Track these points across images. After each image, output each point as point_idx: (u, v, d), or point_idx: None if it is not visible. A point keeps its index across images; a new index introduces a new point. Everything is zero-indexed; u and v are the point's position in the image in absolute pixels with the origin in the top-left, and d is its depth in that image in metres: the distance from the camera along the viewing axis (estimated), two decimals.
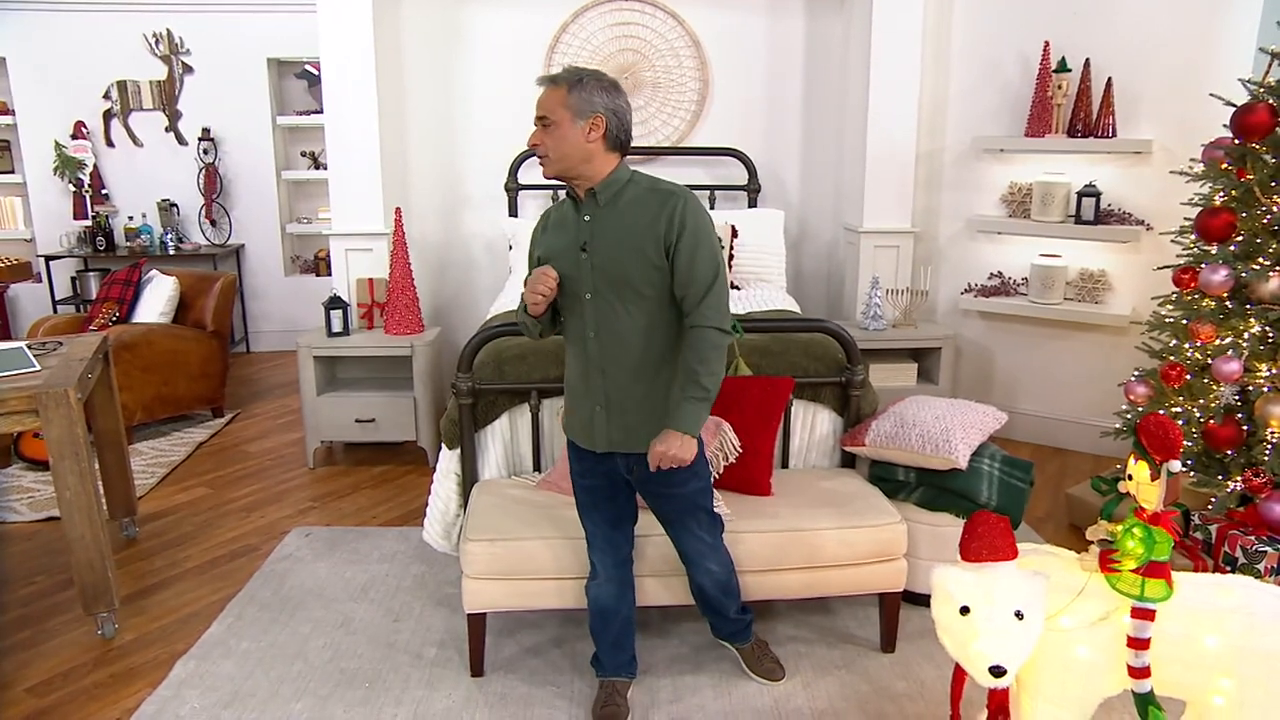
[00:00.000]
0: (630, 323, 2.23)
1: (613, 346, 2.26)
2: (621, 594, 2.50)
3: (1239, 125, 3.29)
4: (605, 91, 2.19)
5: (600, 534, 2.45)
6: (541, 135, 2.19)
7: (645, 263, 2.19)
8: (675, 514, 2.43)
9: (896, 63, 4.65)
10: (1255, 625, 1.97)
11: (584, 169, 2.20)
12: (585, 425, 2.35)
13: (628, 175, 2.25)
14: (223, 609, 3.15)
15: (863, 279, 4.84)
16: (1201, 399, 3.36)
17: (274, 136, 6.59)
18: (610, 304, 2.23)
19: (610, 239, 2.21)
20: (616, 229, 2.21)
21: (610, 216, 2.22)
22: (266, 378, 6.18)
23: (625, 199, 2.23)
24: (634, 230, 2.19)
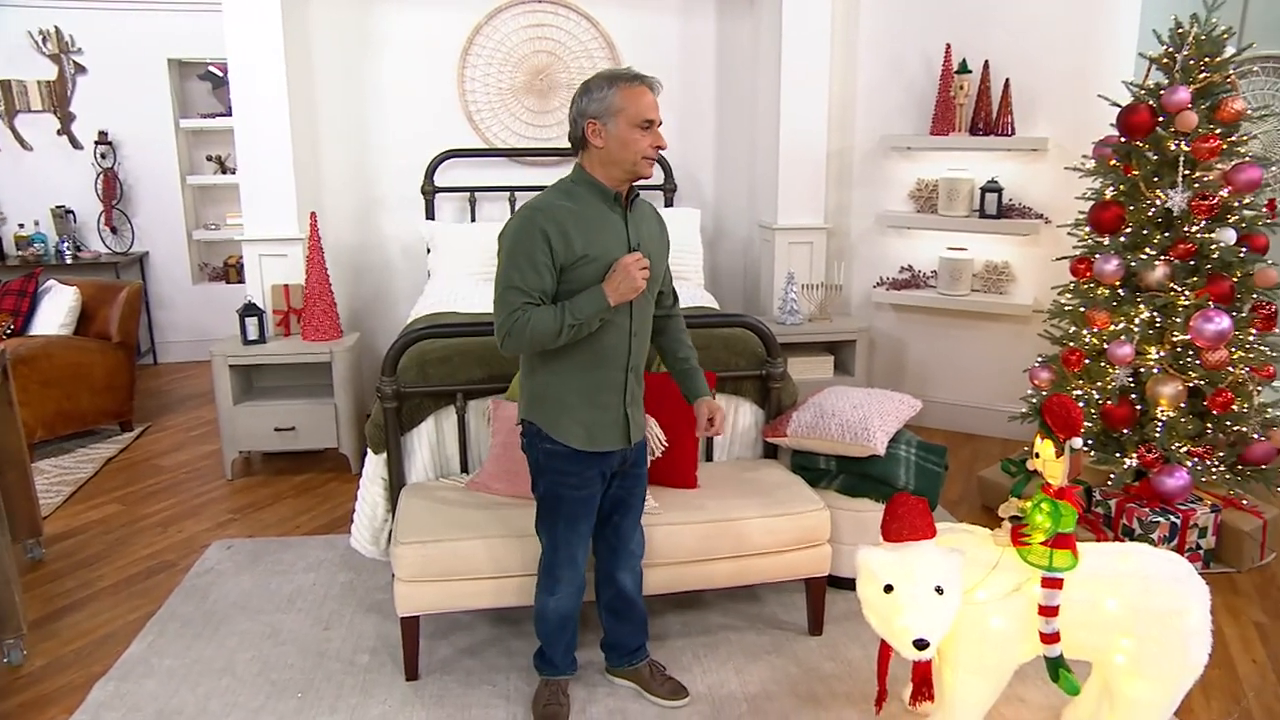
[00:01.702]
0: (651, 320, 2.39)
1: (645, 344, 2.36)
2: (580, 598, 2.51)
3: (1124, 124, 3.50)
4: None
5: (582, 544, 2.42)
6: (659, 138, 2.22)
7: (663, 263, 2.39)
8: (639, 498, 2.50)
9: (806, 63, 4.77)
10: (1150, 587, 2.11)
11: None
12: (614, 426, 2.32)
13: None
14: (142, 627, 3.05)
15: (778, 275, 4.96)
16: (1098, 381, 3.55)
17: (177, 140, 6.37)
18: (649, 304, 2.35)
19: (651, 240, 2.31)
20: (653, 231, 2.34)
21: (643, 219, 2.32)
22: (176, 389, 5.98)
23: (642, 204, 2.34)
24: (657, 233, 2.36)
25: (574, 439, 2.28)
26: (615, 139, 2.16)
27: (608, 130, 2.16)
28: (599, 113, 2.15)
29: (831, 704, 2.60)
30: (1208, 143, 3.29)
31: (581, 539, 2.41)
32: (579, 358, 2.26)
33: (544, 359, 2.28)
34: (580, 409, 2.28)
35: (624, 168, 2.19)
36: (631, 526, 2.52)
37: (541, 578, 2.45)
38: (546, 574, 2.44)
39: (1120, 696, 2.17)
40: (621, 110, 2.14)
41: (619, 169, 2.20)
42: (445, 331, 3.09)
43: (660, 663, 2.70)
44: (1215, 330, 3.25)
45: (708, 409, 2.47)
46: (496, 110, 5.05)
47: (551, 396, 2.29)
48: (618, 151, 2.17)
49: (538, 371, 2.31)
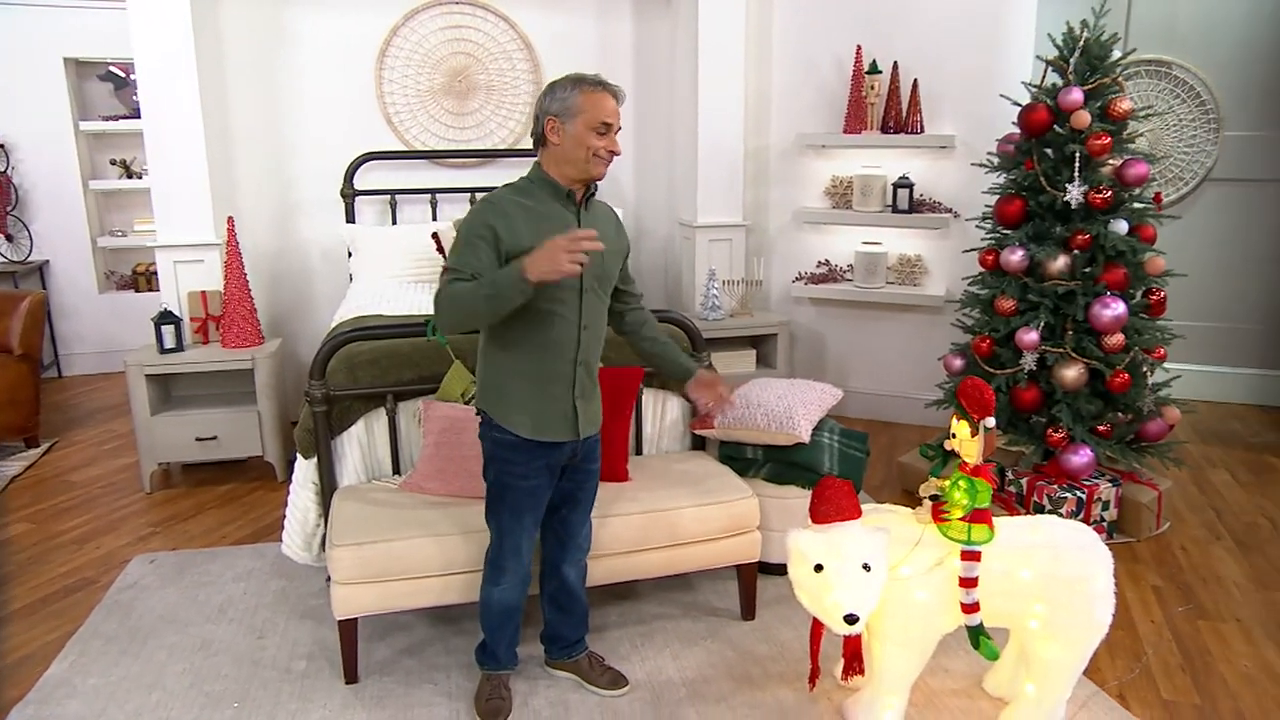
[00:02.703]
0: (604, 317, 2.46)
1: (595, 339, 2.40)
2: (525, 590, 2.54)
3: (1024, 123, 3.69)
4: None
5: (526, 535, 2.45)
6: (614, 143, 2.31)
7: (620, 263, 2.47)
8: (589, 494, 2.54)
9: (721, 65, 4.88)
10: (1059, 556, 2.26)
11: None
12: (562, 418, 2.37)
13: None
14: (62, 647, 2.95)
15: (699, 271, 5.05)
16: (1008, 366, 3.73)
17: (77, 143, 6.13)
18: (599, 300, 2.39)
19: (604, 239, 2.29)
20: (606, 230, 2.36)
21: (597, 219, 2.39)
22: (85, 402, 5.76)
23: (598, 204, 2.44)
24: (612, 232, 2.41)
25: (521, 428, 2.33)
26: (571, 138, 2.23)
27: (565, 129, 2.23)
28: (559, 111, 2.24)
29: (767, 684, 2.69)
30: (1100, 140, 3.49)
31: (526, 531, 2.44)
32: (528, 348, 2.31)
33: (497, 348, 2.34)
34: (528, 399, 2.33)
35: (577, 166, 2.26)
36: (580, 521, 2.56)
37: (487, 568, 2.49)
38: (491, 564, 2.48)
39: (1035, 659, 2.31)
40: (581, 112, 2.23)
41: (572, 167, 2.27)
42: (374, 334, 3.08)
43: (599, 654, 2.74)
44: (1112, 315, 3.46)
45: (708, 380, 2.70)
46: (415, 112, 5.02)
47: (502, 385, 2.35)
48: (572, 150, 2.24)
49: (491, 360, 2.37)
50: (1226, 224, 5.18)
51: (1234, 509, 3.93)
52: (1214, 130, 5.07)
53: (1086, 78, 3.60)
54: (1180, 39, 5.04)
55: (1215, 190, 5.16)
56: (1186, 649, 2.89)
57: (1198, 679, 2.73)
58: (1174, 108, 5.12)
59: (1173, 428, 3.73)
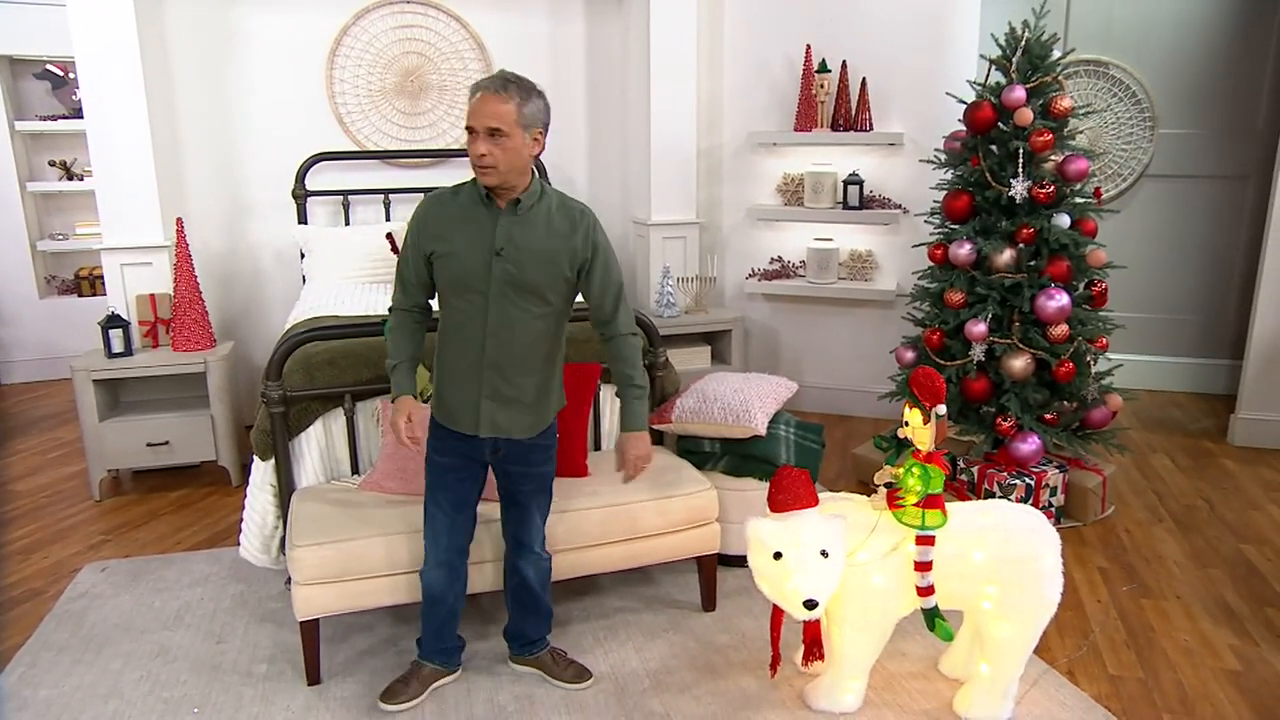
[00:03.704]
0: (531, 325, 2.34)
1: (510, 345, 2.34)
2: (450, 582, 2.54)
3: (970, 120, 3.78)
4: (545, 105, 2.26)
5: (442, 516, 2.48)
6: (492, 146, 2.17)
7: (557, 274, 2.32)
8: (527, 495, 2.50)
9: (674, 64, 4.92)
10: (1009, 538, 2.33)
11: (518, 180, 2.27)
12: (468, 411, 2.38)
13: (542, 187, 2.36)
14: (11, 659, 2.89)
15: (654, 269, 5.09)
16: (958, 358, 3.83)
17: (13, 144, 5.95)
18: (513, 306, 2.31)
19: (527, 248, 2.28)
20: (534, 239, 2.29)
21: (527, 226, 2.30)
22: (26, 411, 5.62)
23: (542, 211, 2.33)
24: (550, 243, 2.31)
25: (436, 408, 2.46)
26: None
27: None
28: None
29: (729, 673, 2.73)
30: (1042, 137, 3.60)
31: (444, 513, 2.48)
32: (443, 338, 2.42)
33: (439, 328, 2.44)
34: (441, 384, 2.44)
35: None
36: (526, 521, 2.54)
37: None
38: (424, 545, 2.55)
39: (989, 639, 2.38)
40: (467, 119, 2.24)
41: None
42: (330, 334, 3.06)
43: (562, 648, 2.76)
44: (1056, 307, 3.57)
45: (623, 446, 2.52)
46: (367, 112, 4.98)
47: (433, 362, 2.49)
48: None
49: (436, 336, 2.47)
50: (1163, 218, 5.36)
51: (1174, 492, 4.08)
52: (1150, 128, 5.24)
53: (1028, 76, 3.70)
54: (1117, 40, 5.21)
55: (1152, 186, 5.33)
56: (1131, 626, 2.99)
57: (1141, 654, 2.83)
58: (1112, 106, 5.28)
59: (1116, 415, 3.85)
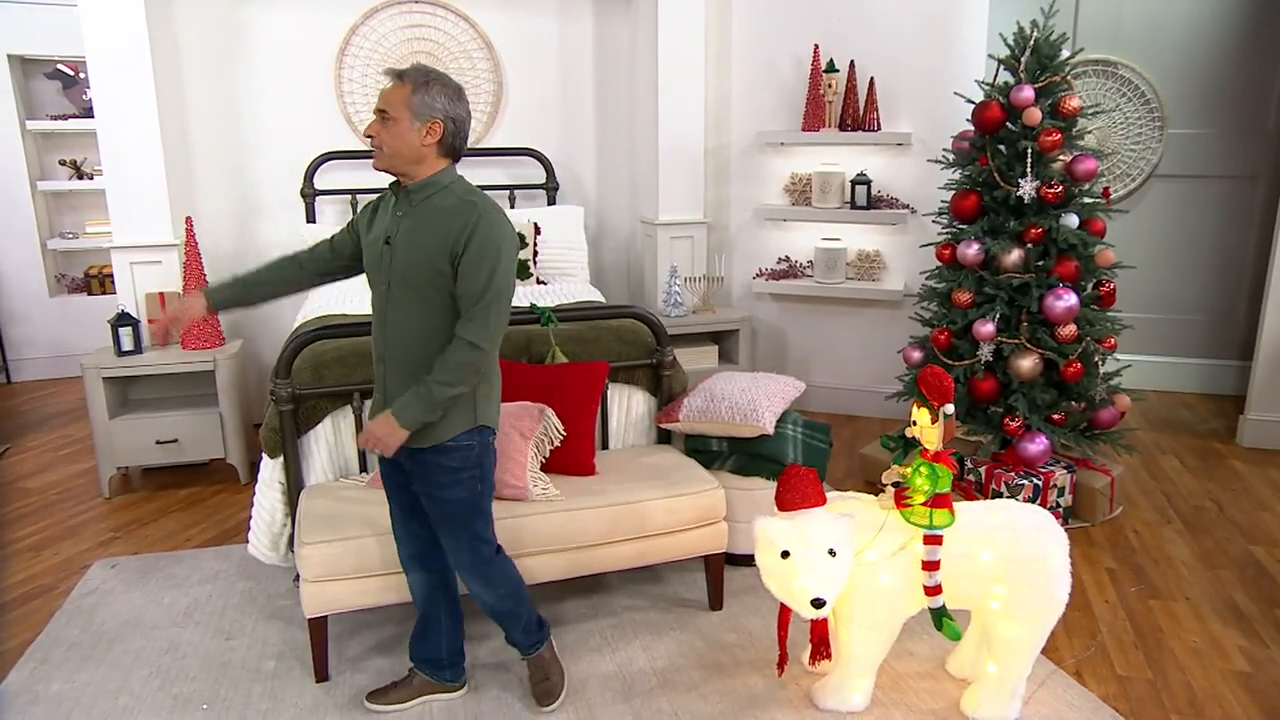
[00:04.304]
0: (414, 320, 2.26)
1: (396, 339, 2.30)
2: (422, 588, 2.54)
3: (978, 120, 3.77)
4: (449, 98, 2.20)
5: (398, 520, 2.51)
6: (379, 128, 2.20)
7: (432, 267, 2.21)
8: (435, 519, 2.39)
9: (682, 63, 4.92)
10: (1017, 537, 2.33)
11: (412, 168, 2.23)
12: (374, 408, 2.41)
13: (448, 181, 2.26)
14: (21, 655, 2.90)
15: (661, 269, 5.09)
16: (966, 358, 3.82)
17: (24, 143, 5.99)
18: (401, 299, 2.26)
19: (411, 239, 2.24)
20: (419, 230, 2.23)
21: (417, 217, 2.25)
22: (36, 409, 5.65)
23: (435, 204, 2.25)
24: (433, 235, 2.21)
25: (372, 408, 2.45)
26: None
27: None
28: None
29: (736, 672, 2.73)
30: (1050, 136, 3.59)
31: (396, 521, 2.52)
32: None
33: None
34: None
35: None
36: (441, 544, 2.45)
37: None
38: None
39: (997, 638, 2.38)
40: None
41: None
42: (339, 331, 3.07)
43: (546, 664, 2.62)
44: (1065, 307, 3.56)
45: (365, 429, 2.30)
46: None
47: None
48: None
49: None
50: (1172, 218, 5.34)
51: (1183, 493, 4.06)
52: (1159, 128, 5.23)
53: (1037, 76, 3.69)
54: (1126, 40, 5.19)
55: (1161, 186, 5.31)
56: (1139, 627, 2.99)
57: (1150, 655, 2.83)
58: (1121, 106, 5.26)
59: (1124, 415, 3.84)
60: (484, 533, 2.42)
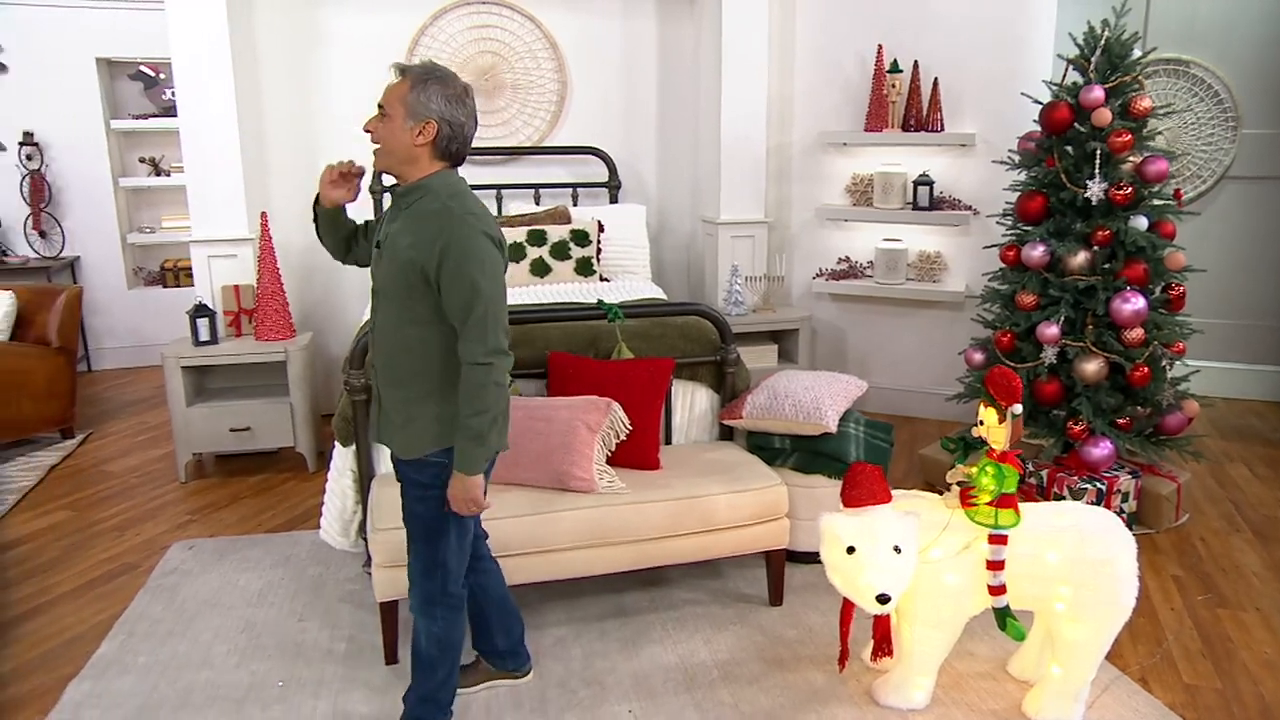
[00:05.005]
0: (396, 328, 2.18)
1: (381, 346, 2.24)
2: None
3: (1046, 120, 3.74)
4: (448, 99, 2.10)
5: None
6: (376, 124, 2.14)
7: (407, 276, 2.10)
8: (408, 531, 2.32)
9: (745, 63, 4.94)
10: (1084, 539, 2.32)
11: (405, 169, 2.15)
12: (374, 419, 2.39)
13: (437, 184, 2.15)
14: (110, 628, 3.05)
15: (722, 267, 5.12)
16: (1029, 360, 3.79)
17: (108, 141, 6.24)
18: (384, 306, 2.21)
19: (394, 245, 2.14)
20: (400, 235, 2.13)
21: (403, 222, 2.15)
22: (115, 396, 5.87)
23: (417, 209, 2.14)
24: (410, 242, 2.10)
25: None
26: None
27: None
28: None
29: (797, 666, 2.76)
30: (1121, 137, 3.55)
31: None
32: None
33: None
34: None
35: None
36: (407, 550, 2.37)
37: None
38: None
39: (1061, 640, 2.38)
40: None
41: None
42: None
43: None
44: (1132, 310, 3.51)
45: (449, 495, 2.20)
46: None
47: None
48: None
49: None
50: (1245, 221, 5.22)
51: (1252, 502, 3.98)
52: (1232, 128, 5.11)
53: (1107, 76, 3.65)
54: (1199, 38, 5.09)
55: (1234, 187, 5.20)
56: (1207, 636, 2.94)
57: (1219, 665, 2.79)
58: (1192, 106, 5.16)
59: (1191, 421, 3.78)
60: (443, 559, 2.27)
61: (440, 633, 2.33)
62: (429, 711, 2.40)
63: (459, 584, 2.33)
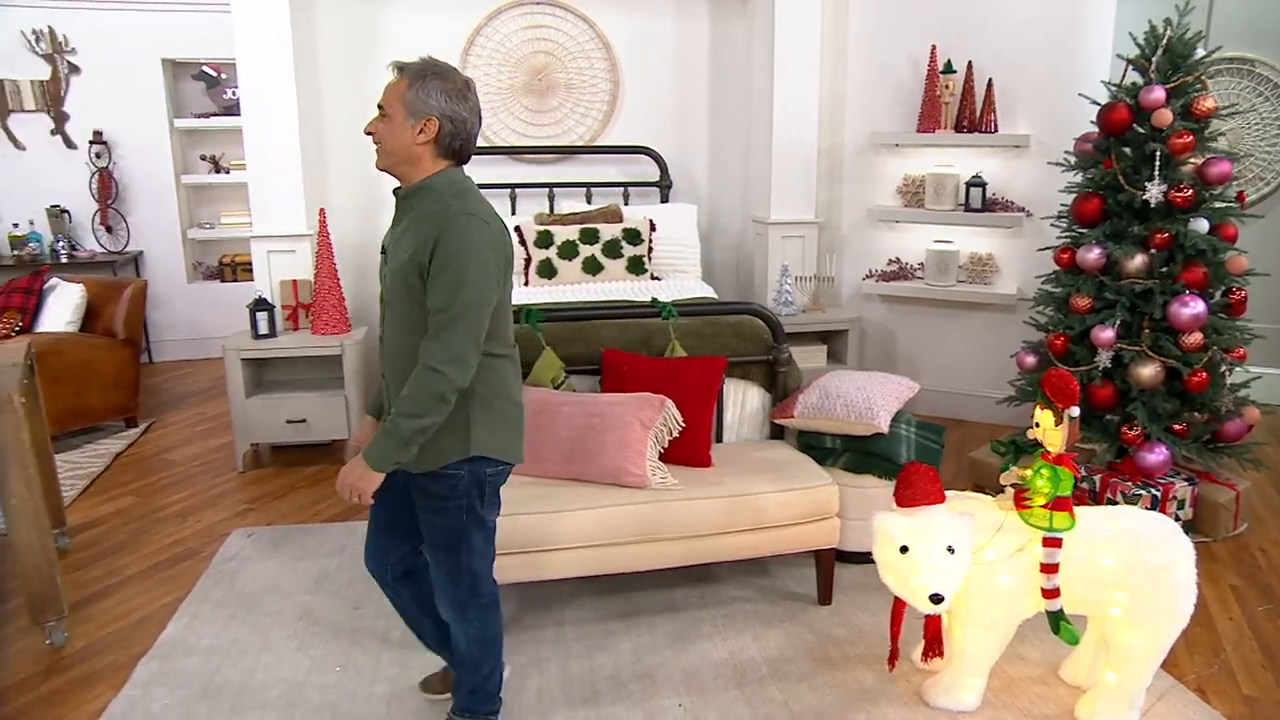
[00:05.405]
0: (403, 336, 2.10)
1: (390, 354, 2.16)
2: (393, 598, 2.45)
3: (1104, 121, 3.70)
4: (448, 94, 2.03)
5: (372, 529, 2.38)
6: (377, 125, 2.07)
7: (406, 282, 2.04)
8: (427, 541, 2.28)
9: (797, 63, 4.94)
10: (1141, 544, 2.30)
11: (406, 169, 2.08)
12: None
13: (440, 184, 2.07)
14: (176, 610, 3.16)
15: (772, 268, 5.13)
16: (1083, 364, 3.75)
17: (172, 140, 6.43)
18: (392, 314, 2.13)
19: (396, 249, 2.08)
20: (402, 239, 2.07)
21: (406, 225, 2.08)
22: (175, 387, 6.04)
23: (418, 210, 2.07)
24: (408, 244, 2.04)
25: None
26: None
27: None
28: None
29: (846, 665, 2.77)
30: (1182, 139, 3.49)
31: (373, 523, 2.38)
32: None
33: None
34: None
35: None
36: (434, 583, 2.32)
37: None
38: None
39: (1116, 646, 2.36)
40: None
41: None
42: None
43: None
44: (1191, 314, 3.46)
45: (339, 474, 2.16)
46: (496, 109, 5.18)
47: None
48: None
49: None
50: None
51: None
52: None
53: (1169, 76, 3.60)
54: (1265, 36, 4.98)
55: None
56: (1267, 647, 2.89)
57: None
58: (1257, 106, 5.05)
59: (1252, 428, 3.71)
60: (467, 564, 2.23)
61: (477, 633, 2.32)
62: (478, 702, 2.42)
63: (489, 582, 2.31)
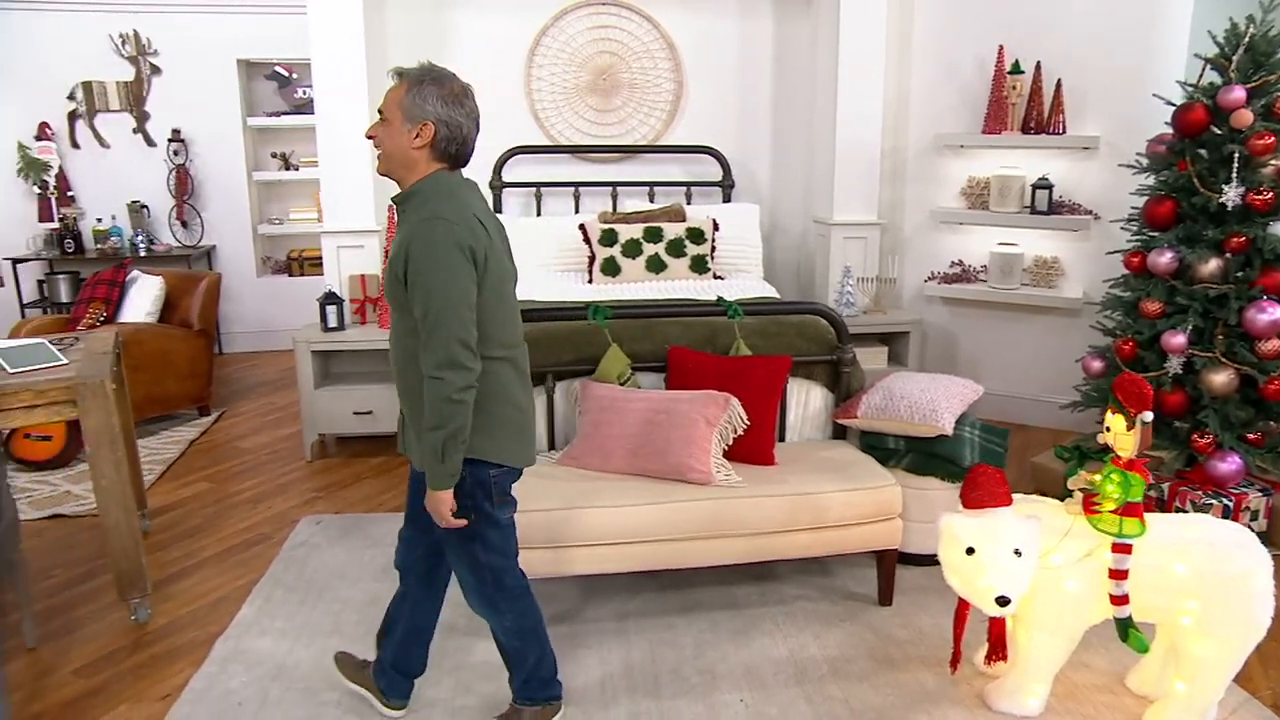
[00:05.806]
0: (402, 340, 2.15)
1: (394, 359, 2.21)
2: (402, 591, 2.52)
3: (1180, 122, 3.63)
4: (444, 100, 2.07)
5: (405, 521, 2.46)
6: (377, 129, 2.12)
7: (392, 288, 2.10)
8: (441, 538, 2.32)
9: (862, 64, 4.93)
10: (1215, 554, 2.27)
11: (404, 173, 2.12)
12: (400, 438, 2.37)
13: (428, 187, 2.11)
14: (250, 593, 3.27)
15: (834, 268, 5.12)
16: (1152, 370, 3.69)
17: (244, 138, 6.63)
18: (392, 317, 2.19)
19: (392, 253, 2.13)
20: (394, 245, 2.12)
21: (398, 229, 2.15)
22: (245, 377, 6.23)
23: (406, 215, 2.11)
24: (393, 252, 2.10)
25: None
26: None
27: None
28: None
29: (907, 666, 2.77)
30: (1263, 140, 3.41)
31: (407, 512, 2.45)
32: None
33: None
34: None
35: None
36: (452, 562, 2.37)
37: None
38: None
39: (1187, 656, 2.33)
40: None
41: None
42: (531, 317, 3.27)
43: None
44: (1268, 321, 3.39)
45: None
46: (561, 109, 5.25)
47: None
48: None
49: None
50: None
51: None
52: None
53: (1250, 75, 3.52)
54: None
55: None
56: None
57: None
58: None
59: None
60: (485, 560, 2.27)
61: (513, 624, 2.35)
62: (535, 690, 2.45)
63: (514, 575, 2.34)
